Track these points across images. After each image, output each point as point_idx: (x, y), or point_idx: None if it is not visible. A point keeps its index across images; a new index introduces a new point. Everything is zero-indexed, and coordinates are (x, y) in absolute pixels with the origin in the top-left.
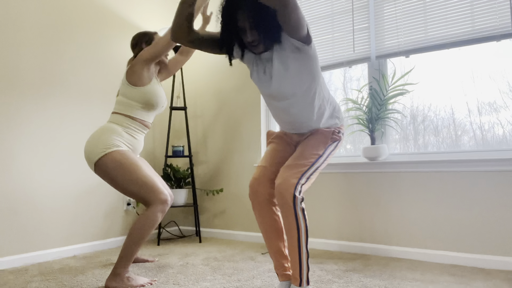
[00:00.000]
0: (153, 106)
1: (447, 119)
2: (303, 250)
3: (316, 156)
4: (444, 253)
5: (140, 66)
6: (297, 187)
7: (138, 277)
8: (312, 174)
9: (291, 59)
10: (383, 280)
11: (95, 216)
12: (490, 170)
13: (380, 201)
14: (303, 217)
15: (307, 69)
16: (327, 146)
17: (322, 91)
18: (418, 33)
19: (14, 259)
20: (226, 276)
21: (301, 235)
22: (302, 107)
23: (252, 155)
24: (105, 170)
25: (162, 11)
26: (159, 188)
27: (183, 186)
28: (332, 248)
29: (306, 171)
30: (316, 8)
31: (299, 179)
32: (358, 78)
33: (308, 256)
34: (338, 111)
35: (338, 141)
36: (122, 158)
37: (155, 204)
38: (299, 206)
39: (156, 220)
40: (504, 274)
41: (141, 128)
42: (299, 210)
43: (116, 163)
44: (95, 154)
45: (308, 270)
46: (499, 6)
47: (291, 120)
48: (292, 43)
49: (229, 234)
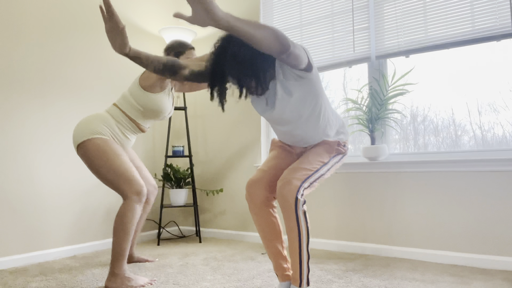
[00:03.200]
0: (154, 114)
1: (447, 119)
2: (304, 252)
3: (321, 163)
4: (444, 253)
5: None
6: (300, 189)
7: (138, 277)
8: (315, 181)
9: (294, 87)
10: (383, 280)
11: (95, 216)
12: (490, 170)
13: (380, 201)
14: (304, 219)
15: (310, 93)
16: (332, 156)
17: (327, 110)
18: (418, 33)
19: (14, 259)
20: (226, 276)
21: (302, 238)
22: (306, 129)
23: (252, 155)
24: (86, 153)
25: (163, 11)
26: (135, 180)
27: (183, 186)
28: (332, 248)
29: (310, 176)
30: (316, 8)
31: (303, 182)
32: (358, 78)
33: (309, 258)
34: (343, 127)
35: (343, 155)
36: (104, 145)
37: (129, 196)
38: (300, 209)
39: (134, 212)
40: (504, 274)
41: (134, 129)
42: (300, 213)
43: (97, 148)
44: (80, 136)
45: (309, 272)
46: (499, 6)
47: (294, 140)
48: (294, 72)
49: (229, 234)
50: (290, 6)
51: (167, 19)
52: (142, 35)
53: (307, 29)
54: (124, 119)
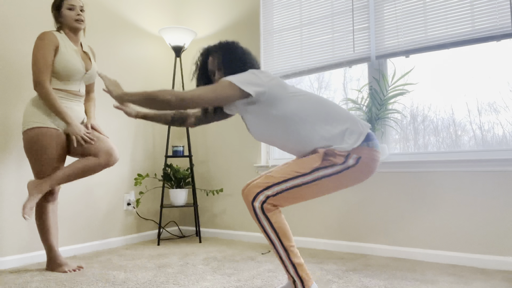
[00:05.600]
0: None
1: (447, 119)
2: (280, 250)
3: (295, 173)
4: (444, 253)
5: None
6: (257, 196)
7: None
8: (286, 191)
9: (253, 112)
10: (383, 280)
11: (95, 216)
12: (490, 170)
13: (380, 201)
14: (268, 224)
15: (271, 114)
16: (317, 168)
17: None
18: (418, 33)
19: (14, 259)
20: (226, 276)
21: (273, 239)
22: (292, 146)
23: (252, 155)
24: (24, 144)
25: (163, 11)
26: (44, 173)
27: (183, 186)
28: (332, 248)
29: (275, 184)
30: (316, 8)
31: (263, 190)
32: (358, 78)
33: (287, 254)
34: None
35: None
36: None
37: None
38: (260, 215)
39: (41, 209)
40: (503, 274)
41: (66, 96)
42: (262, 219)
43: (29, 141)
44: (23, 125)
45: (295, 267)
46: (499, 6)
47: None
48: (243, 102)
49: (229, 234)
50: (290, 6)
51: (167, 19)
52: (142, 35)
53: (307, 29)
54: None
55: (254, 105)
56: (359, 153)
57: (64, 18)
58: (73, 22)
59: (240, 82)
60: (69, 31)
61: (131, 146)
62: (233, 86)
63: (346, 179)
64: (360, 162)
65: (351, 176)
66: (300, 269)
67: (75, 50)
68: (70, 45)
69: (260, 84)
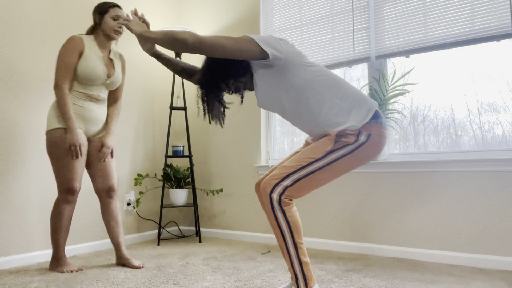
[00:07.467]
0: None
1: (447, 119)
2: (290, 246)
3: (309, 160)
4: (444, 253)
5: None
6: (275, 188)
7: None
8: (303, 178)
9: (266, 76)
10: (383, 280)
11: (95, 216)
12: (490, 170)
13: (380, 201)
14: (283, 216)
15: (285, 80)
16: (330, 151)
17: (321, 94)
18: (418, 33)
19: (14, 259)
20: (226, 276)
21: (284, 233)
22: (302, 119)
23: (252, 155)
24: (46, 144)
25: (163, 11)
26: (65, 179)
27: (183, 186)
28: (332, 248)
29: (292, 173)
30: (316, 8)
31: (281, 181)
32: (358, 78)
33: (296, 250)
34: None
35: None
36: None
37: (58, 193)
38: (276, 207)
39: (58, 209)
40: (504, 274)
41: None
42: (277, 211)
43: (51, 142)
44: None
45: (301, 265)
46: (499, 6)
47: (304, 131)
48: (257, 63)
49: (229, 234)
50: (290, 6)
51: (167, 19)
52: None
53: (307, 29)
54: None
55: (269, 68)
56: (369, 130)
57: (104, 25)
58: (112, 32)
59: (260, 40)
60: (103, 37)
61: (131, 146)
62: (253, 42)
63: (360, 157)
64: (371, 139)
65: (364, 153)
66: (306, 267)
67: (100, 57)
68: (96, 51)
69: (279, 49)
